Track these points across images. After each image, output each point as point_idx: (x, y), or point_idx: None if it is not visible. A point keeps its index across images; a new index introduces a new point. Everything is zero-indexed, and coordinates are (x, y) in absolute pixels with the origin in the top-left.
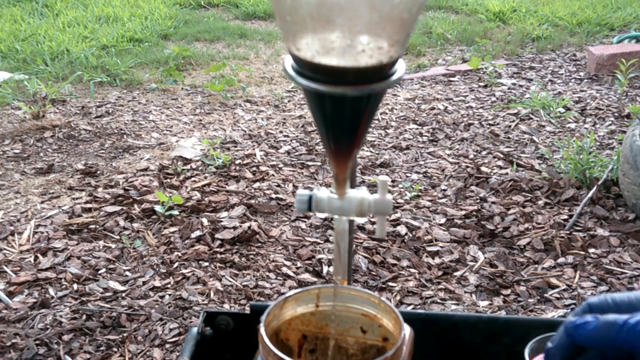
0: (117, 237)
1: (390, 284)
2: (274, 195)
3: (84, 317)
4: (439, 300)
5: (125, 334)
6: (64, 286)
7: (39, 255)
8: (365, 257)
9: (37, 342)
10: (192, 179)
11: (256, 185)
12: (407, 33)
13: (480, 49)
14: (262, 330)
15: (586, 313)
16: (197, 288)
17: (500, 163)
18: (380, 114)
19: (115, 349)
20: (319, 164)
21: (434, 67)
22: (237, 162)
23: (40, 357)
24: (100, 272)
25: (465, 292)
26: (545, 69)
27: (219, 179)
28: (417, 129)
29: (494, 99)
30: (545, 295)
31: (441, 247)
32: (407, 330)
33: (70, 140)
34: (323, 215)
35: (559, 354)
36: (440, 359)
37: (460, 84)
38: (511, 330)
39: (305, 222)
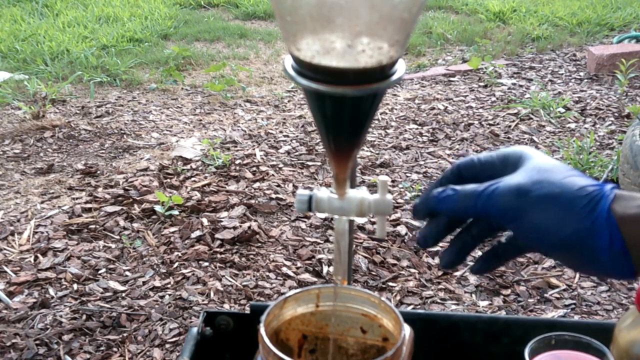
0: (117, 237)
1: (390, 284)
2: (274, 195)
3: (84, 317)
4: (439, 300)
5: (125, 334)
6: (64, 286)
7: (39, 255)
8: (365, 257)
9: (37, 342)
10: (192, 179)
11: (256, 185)
12: (407, 33)
13: (480, 49)
14: (262, 330)
15: (454, 174)
16: (197, 288)
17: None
18: (380, 114)
19: (115, 349)
20: (319, 164)
21: (434, 67)
22: (237, 162)
23: (40, 357)
24: (100, 272)
25: (465, 292)
26: (545, 69)
27: (219, 179)
28: (417, 129)
29: (494, 99)
30: (545, 295)
31: (441, 247)
32: (407, 330)
33: (70, 140)
34: (323, 216)
35: (423, 211)
36: (440, 359)
37: (460, 84)
38: (511, 330)
39: (305, 222)
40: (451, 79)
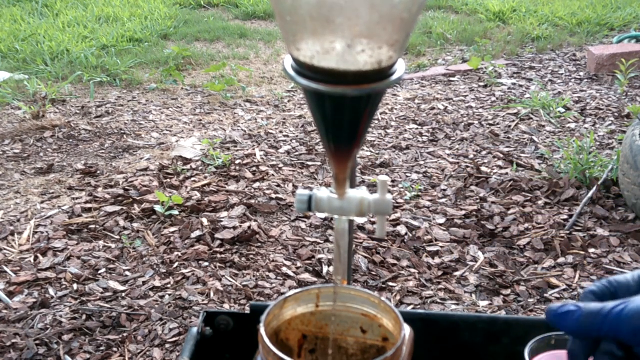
0: (117, 237)
1: (390, 284)
2: (274, 195)
3: (84, 317)
4: (439, 300)
5: (125, 334)
6: (64, 286)
7: (39, 255)
8: (365, 257)
9: (37, 342)
10: (192, 179)
11: (256, 185)
12: (407, 33)
13: (480, 49)
14: (262, 330)
15: (589, 299)
16: (197, 288)
17: (500, 163)
18: (380, 114)
19: (115, 349)
20: (319, 164)
21: (434, 67)
22: (237, 162)
23: (40, 357)
24: (100, 272)
25: (465, 292)
26: (545, 69)
27: (219, 179)
28: (417, 129)
29: (494, 99)
30: (545, 295)
31: (441, 247)
32: (407, 330)
33: (70, 140)
34: (323, 216)
35: (583, 352)
36: (440, 359)
37: (460, 84)
38: (511, 330)
39: (305, 222)
40: (451, 79)
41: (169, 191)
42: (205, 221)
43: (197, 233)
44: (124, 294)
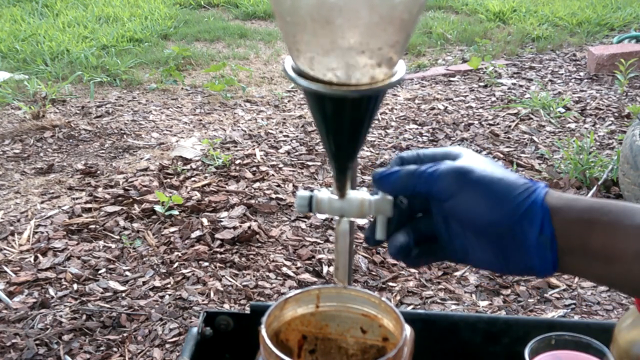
0: (117, 237)
1: (390, 284)
2: (274, 195)
3: (84, 317)
4: (439, 300)
5: (125, 334)
6: (64, 286)
7: (39, 255)
8: (365, 257)
9: (37, 342)
10: (192, 179)
11: (256, 185)
12: (408, 34)
13: (480, 49)
14: (263, 332)
15: (398, 164)
16: (197, 288)
17: (500, 163)
18: (380, 114)
19: (115, 349)
20: (319, 164)
21: (434, 67)
22: (237, 162)
23: (40, 357)
24: (100, 272)
25: (465, 292)
26: (545, 69)
27: (219, 179)
28: (417, 129)
29: (494, 99)
30: (545, 295)
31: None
32: (408, 330)
33: (70, 140)
34: (323, 216)
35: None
36: (440, 359)
37: (460, 84)
38: (511, 330)
39: (305, 222)
40: (451, 79)
41: (169, 191)
42: (205, 221)
43: (197, 233)
44: (124, 294)
